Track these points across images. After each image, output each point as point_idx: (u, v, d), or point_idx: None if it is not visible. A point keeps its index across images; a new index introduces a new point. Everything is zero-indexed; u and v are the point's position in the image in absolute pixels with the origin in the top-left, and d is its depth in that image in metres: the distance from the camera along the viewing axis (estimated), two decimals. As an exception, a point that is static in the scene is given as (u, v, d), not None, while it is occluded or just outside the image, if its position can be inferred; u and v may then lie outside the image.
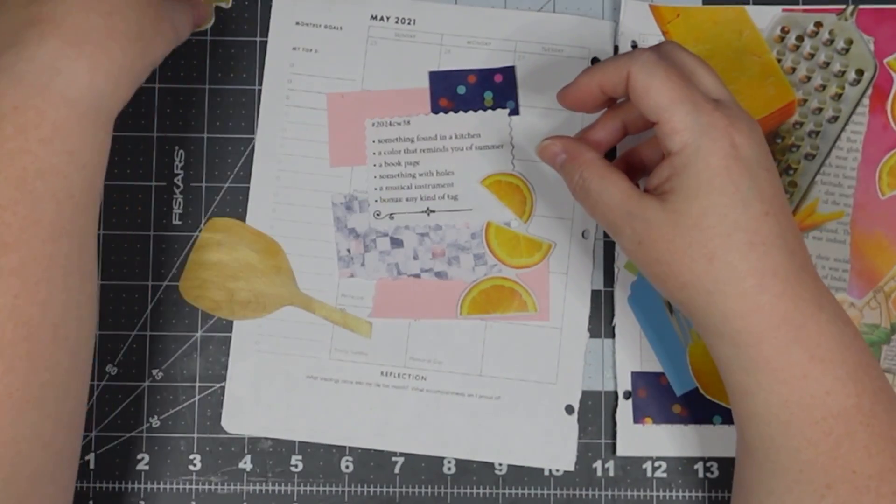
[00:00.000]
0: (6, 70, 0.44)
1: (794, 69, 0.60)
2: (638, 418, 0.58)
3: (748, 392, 0.48)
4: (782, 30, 0.60)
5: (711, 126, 0.46)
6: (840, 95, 0.60)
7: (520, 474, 0.58)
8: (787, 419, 0.47)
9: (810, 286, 0.47)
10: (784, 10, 0.60)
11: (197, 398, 0.58)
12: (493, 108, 0.59)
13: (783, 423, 0.47)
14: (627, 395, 0.58)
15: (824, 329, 0.47)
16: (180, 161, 0.60)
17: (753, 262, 0.46)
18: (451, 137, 0.59)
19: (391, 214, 0.59)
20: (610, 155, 0.52)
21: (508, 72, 0.60)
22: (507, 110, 0.59)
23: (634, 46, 0.60)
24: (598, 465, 0.58)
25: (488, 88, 0.60)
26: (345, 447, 0.58)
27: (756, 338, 0.46)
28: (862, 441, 0.46)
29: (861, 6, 0.60)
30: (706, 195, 0.46)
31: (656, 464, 0.58)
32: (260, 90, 0.60)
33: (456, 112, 0.59)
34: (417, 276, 0.59)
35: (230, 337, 0.58)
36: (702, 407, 0.58)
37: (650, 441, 0.58)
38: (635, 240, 0.48)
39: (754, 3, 0.60)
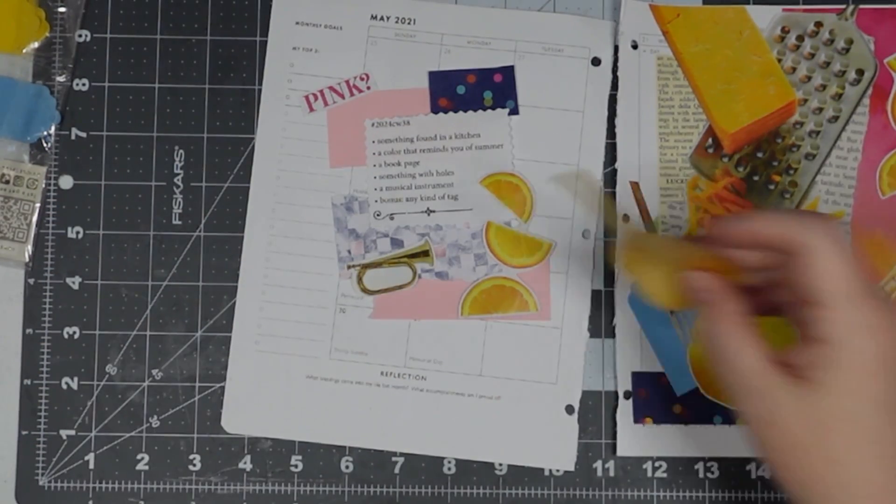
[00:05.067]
0: None
1: (794, 69, 0.60)
2: (638, 418, 0.58)
3: None
4: (782, 30, 0.60)
5: (871, 328, 0.44)
6: (840, 95, 0.60)
7: (520, 474, 0.58)
8: None
9: None
10: (784, 10, 0.60)
11: (197, 398, 0.58)
12: (493, 108, 0.59)
13: None
14: (627, 395, 0.58)
15: None
16: (180, 161, 0.60)
17: (880, 477, 0.44)
18: (450, 137, 0.59)
19: (391, 215, 0.59)
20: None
21: (508, 71, 0.60)
22: (507, 110, 0.59)
23: (635, 46, 0.60)
24: (598, 465, 0.58)
25: (488, 88, 0.59)
26: (345, 447, 0.58)
27: None
28: None
29: (861, 6, 0.60)
30: (848, 398, 0.44)
31: (656, 464, 0.58)
32: (260, 90, 0.60)
33: (456, 112, 0.59)
34: (418, 276, 0.59)
35: (230, 337, 0.58)
36: (702, 407, 0.58)
37: (650, 441, 0.58)
38: (758, 418, 0.45)
39: (754, 3, 0.60)
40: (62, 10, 0.60)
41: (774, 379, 0.45)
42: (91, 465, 0.58)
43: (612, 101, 0.60)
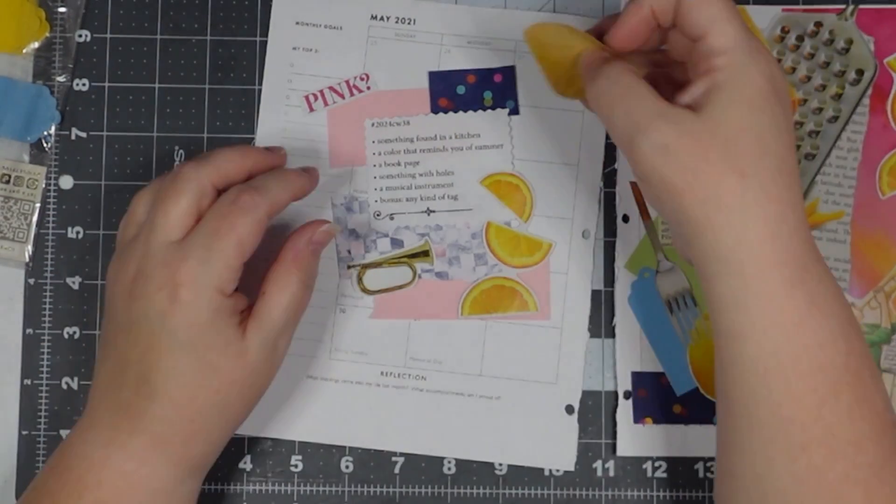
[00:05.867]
0: (96, 447, 0.49)
1: (794, 69, 0.60)
2: (638, 418, 0.58)
3: (740, 335, 0.45)
4: (782, 30, 0.60)
5: (759, 49, 0.46)
6: (840, 95, 0.60)
7: (520, 474, 0.58)
8: (775, 368, 0.45)
9: (811, 234, 0.47)
10: (784, 10, 0.60)
11: (197, 398, 0.58)
12: (493, 108, 0.59)
13: (770, 372, 0.45)
14: (627, 395, 0.58)
15: (824, 277, 0.46)
16: (180, 161, 0.60)
17: (780, 189, 0.45)
18: (450, 137, 0.59)
19: (391, 215, 0.59)
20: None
21: (508, 71, 0.60)
22: (507, 110, 0.59)
23: (634, 46, 0.60)
24: (598, 465, 0.58)
25: (488, 88, 0.60)
26: (345, 447, 0.58)
27: (763, 271, 0.44)
28: (846, 402, 0.45)
29: (861, 6, 0.60)
30: (747, 113, 0.45)
31: (656, 464, 0.58)
32: (260, 90, 0.60)
33: (455, 112, 0.59)
34: (418, 276, 0.59)
35: (230, 337, 0.58)
36: (702, 407, 0.58)
37: (650, 441, 0.58)
38: (661, 144, 0.45)
39: (754, 3, 0.60)
40: (62, 10, 0.60)
41: (669, 105, 0.46)
42: (91, 465, 0.58)
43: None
